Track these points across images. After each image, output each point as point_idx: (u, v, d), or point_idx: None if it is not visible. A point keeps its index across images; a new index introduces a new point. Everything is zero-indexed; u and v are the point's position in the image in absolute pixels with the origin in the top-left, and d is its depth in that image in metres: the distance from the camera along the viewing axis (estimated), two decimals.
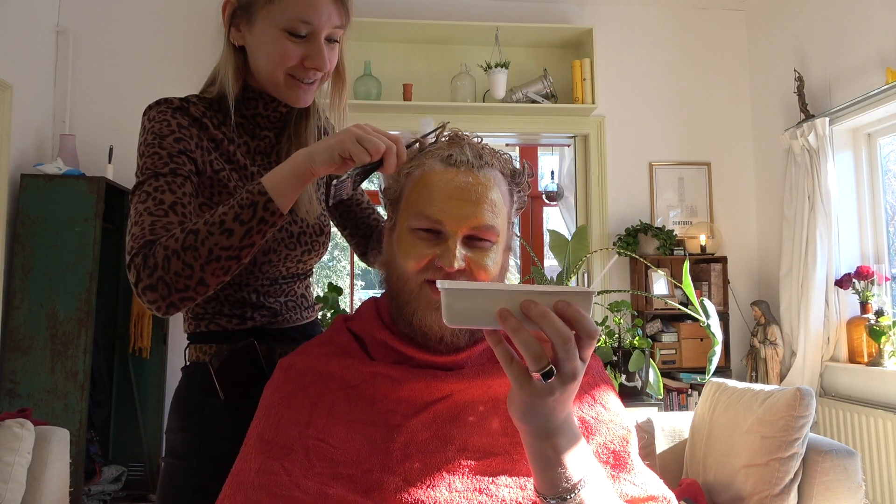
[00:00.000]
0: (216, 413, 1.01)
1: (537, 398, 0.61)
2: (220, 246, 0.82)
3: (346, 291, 3.90)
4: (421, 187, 0.83)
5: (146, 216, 0.88)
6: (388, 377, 0.82)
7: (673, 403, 3.38)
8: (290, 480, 0.72)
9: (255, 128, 1.07)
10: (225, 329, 1.06)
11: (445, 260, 0.79)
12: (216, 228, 0.82)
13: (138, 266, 0.83)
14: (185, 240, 0.82)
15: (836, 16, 3.17)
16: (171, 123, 0.97)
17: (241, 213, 0.82)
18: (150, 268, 0.82)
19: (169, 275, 0.82)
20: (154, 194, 0.90)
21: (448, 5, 3.68)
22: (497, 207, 0.83)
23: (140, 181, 0.92)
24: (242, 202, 0.83)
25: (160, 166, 0.92)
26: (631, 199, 3.78)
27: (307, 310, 1.17)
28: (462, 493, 0.73)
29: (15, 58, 3.10)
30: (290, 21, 0.94)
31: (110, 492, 3.14)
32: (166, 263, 0.82)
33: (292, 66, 0.98)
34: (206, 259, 0.82)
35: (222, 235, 0.82)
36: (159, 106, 0.99)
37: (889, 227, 3.15)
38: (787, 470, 1.53)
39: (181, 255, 0.82)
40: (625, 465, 0.79)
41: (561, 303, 0.60)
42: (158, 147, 0.94)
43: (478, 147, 0.86)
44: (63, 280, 2.98)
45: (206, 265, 0.82)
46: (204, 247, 0.81)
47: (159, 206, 0.89)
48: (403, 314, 0.84)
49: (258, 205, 0.82)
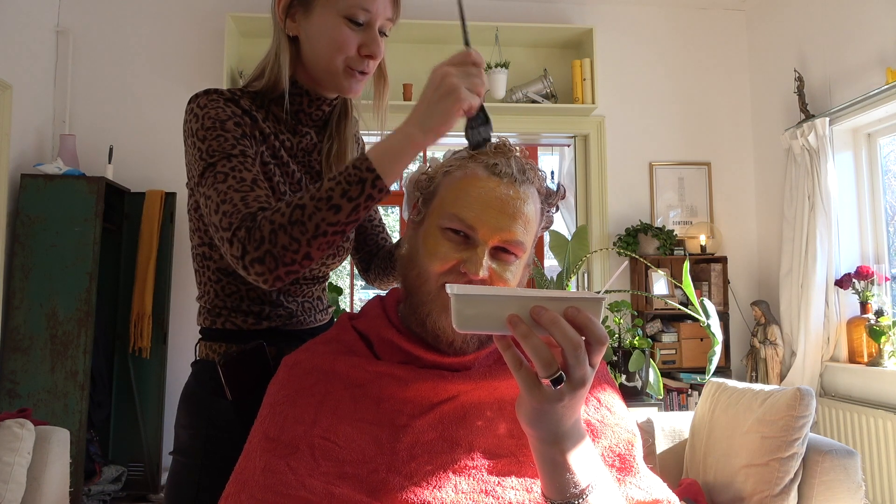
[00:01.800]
0: (224, 412, 1.01)
1: (546, 404, 0.61)
2: (327, 221, 0.82)
3: (346, 291, 3.90)
4: (459, 189, 0.83)
5: (233, 193, 0.88)
6: (394, 377, 0.81)
7: (673, 403, 3.38)
8: (296, 479, 0.72)
9: (296, 124, 1.07)
10: (240, 328, 1.06)
11: (471, 266, 0.79)
12: (323, 204, 0.82)
13: (242, 239, 0.83)
14: (291, 214, 0.82)
15: (836, 16, 3.17)
16: (226, 110, 0.97)
17: (350, 190, 0.82)
18: (257, 241, 0.82)
19: (276, 248, 0.82)
20: (232, 173, 0.90)
21: (448, 5, 3.66)
22: (529, 224, 0.83)
23: (210, 163, 0.91)
24: (350, 178, 0.82)
25: (229, 148, 0.92)
26: (631, 199, 3.78)
27: (321, 312, 1.17)
28: (468, 494, 0.73)
29: (15, 58, 3.10)
30: (350, 8, 0.96)
31: (110, 492, 3.13)
32: (273, 237, 0.82)
33: (349, 55, 0.99)
34: (314, 234, 0.82)
35: (329, 211, 0.82)
36: (209, 95, 0.98)
37: (889, 227, 3.15)
38: (787, 470, 1.53)
39: (288, 229, 0.82)
40: (630, 468, 0.79)
41: (571, 309, 0.60)
42: (222, 130, 0.94)
43: (522, 161, 0.86)
44: (63, 280, 2.98)
45: (312, 239, 0.82)
46: (311, 221, 0.82)
47: (242, 183, 0.89)
48: (417, 314, 0.84)
49: (366, 182, 0.82)
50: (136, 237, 3.31)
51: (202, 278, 1.07)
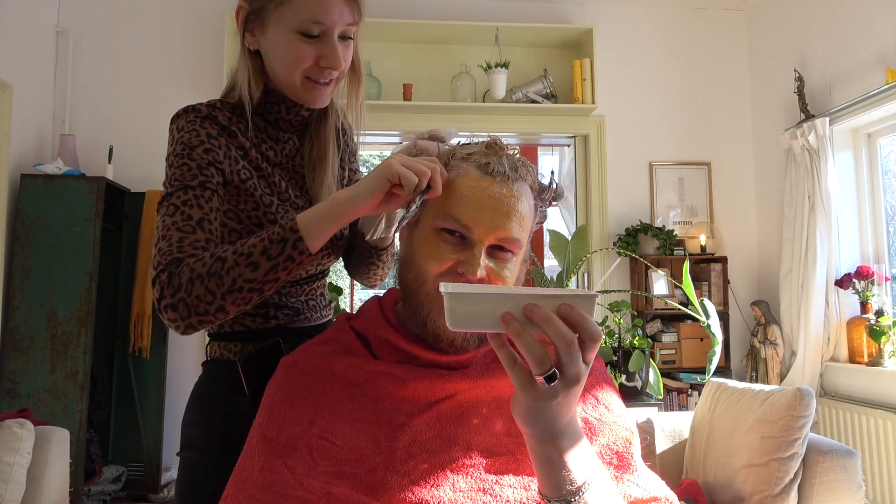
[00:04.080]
0: (240, 409, 1.01)
1: (541, 401, 0.61)
2: (243, 277, 0.83)
3: (346, 291, 3.90)
4: (453, 190, 0.83)
5: (174, 231, 0.89)
6: (392, 376, 0.82)
7: (673, 403, 3.38)
8: (294, 479, 0.72)
9: (278, 132, 1.07)
10: (249, 328, 1.07)
11: (469, 267, 0.79)
12: (243, 259, 0.83)
13: (163, 283, 0.85)
14: (211, 266, 0.83)
15: (836, 16, 3.17)
16: (200, 133, 0.96)
17: (270, 248, 0.83)
18: (174, 287, 0.84)
19: (191, 298, 0.83)
20: (182, 208, 0.90)
21: (448, 5, 3.68)
22: (524, 221, 0.84)
23: (169, 192, 0.93)
24: (273, 237, 0.83)
25: (189, 178, 0.93)
26: (631, 199, 3.78)
27: (325, 308, 1.19)
28: (466, 492, 0.73)
29: (15, 58, 3.10)
30: (301, 22, 0.94)
31: (110, 492, 3.13)
32: (190, 286, 0.83)
33: (308, 67, 0.98)
34: (229, 288, 0.83)
35: (248, 268, 0.82)
36: (187, 115, 0.99)
37: (889, 227, 3.15)
38: (787, 470, 1.53)
39: (205, 280, 0.83)
40: (628, 466, 0.80)
41: (564, 306, 0.60)
42: (188, 158, 0.94)
43: (514, 159, 0.86)
44: (63, 280, 2.98)
45: (227, 294, 0.83)
46: (228, 276, 0.82)
47: (187, 221, 0.90)
48: (416, 315, 0.84)
49: (287, 242, 0.83)
50: (136, 237, 3.31)
51: None
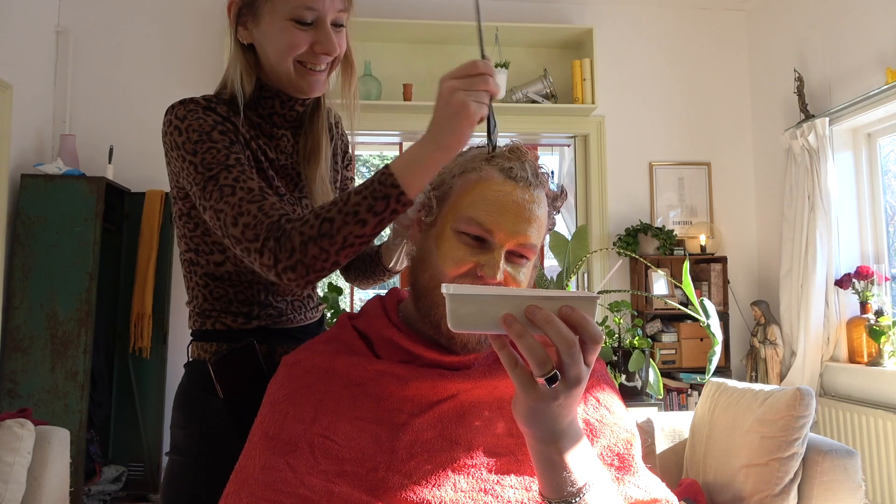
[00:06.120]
0: (217, 411, 1.02)
1: (542, 403, 0.61)
2: (354, 234, 0.85)
3: (346, 291, 3.90)
4: (475, 193, 0.83)
5: (247, 205, 0.90)
6: (394, 375, 0.82)
7: (673, 403, 3.39)
8: (296, 477, 0.72)
9: (272, 127, 1.08)
10: (230, 328, 1.07)
11: (489, 270, 0.80)
12: (350, 218, 0.85)
13: (273, 250, 0.86)
14: (321, 227, 0.86)
15: (836, 16, 3.17)
16: (207, 119, 0.97)
17: (375, 205, 0.85)
18: (288, 251, 0.86)
19: (307, 258, 0.86)
20: (237, 184, 0.92)
21: (448, 5, 3.68)
22: (541, 227, 0.85)
23: (210, 176, 0.93)
24: (376, 194, 0.85)
25: (223, 159, 0.94)
26: (631, 199, 3.78)
27: (311, 310, 1.18)
28: (467, 492, 0.73)
29: (15, 58, 3.10)
30: (294, 10, 0.96)
31: (110, 492, 3.13)
32: (304, 248, 0.86)
33: (302, 53, 0.99)
34: (342, 245, 0.86)
35: (357, 225, 0.85)
36: (185, 105, 0.99)
37: (889, 227, 3.15)
38: (787, 470, 1.53)
39: (318, 241, 0.85)
40: (629, 467, 0.80)
41: (565, 308, 0.60)
42: (210, 142, 0.95)
43: (535, 165, 0.87)
44: (63, 280, 2.98)
45: (340, 251, 0.86)
46: (339, 234, 0.85)
47: (251, 193, 0.91)
48: (430, 316, 0.84)
49: (391, 198, 0.85)
50: (136, 237, 3.31)
51: (190, 283, 1.09)
